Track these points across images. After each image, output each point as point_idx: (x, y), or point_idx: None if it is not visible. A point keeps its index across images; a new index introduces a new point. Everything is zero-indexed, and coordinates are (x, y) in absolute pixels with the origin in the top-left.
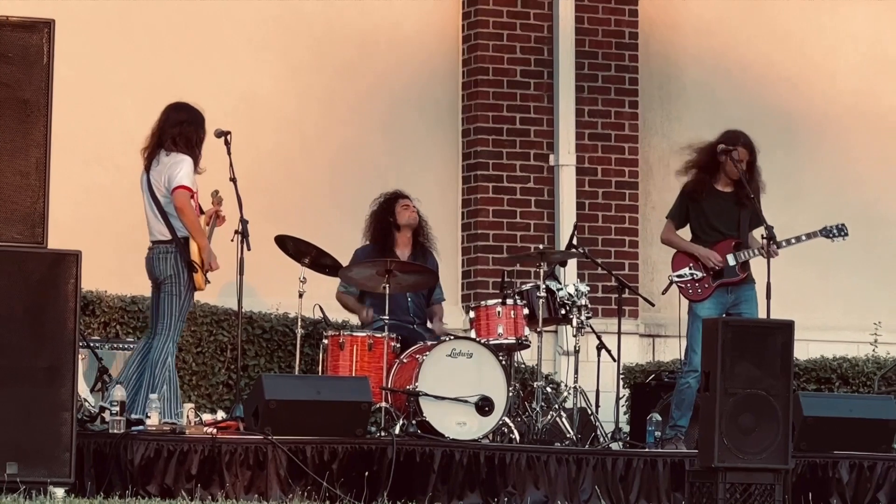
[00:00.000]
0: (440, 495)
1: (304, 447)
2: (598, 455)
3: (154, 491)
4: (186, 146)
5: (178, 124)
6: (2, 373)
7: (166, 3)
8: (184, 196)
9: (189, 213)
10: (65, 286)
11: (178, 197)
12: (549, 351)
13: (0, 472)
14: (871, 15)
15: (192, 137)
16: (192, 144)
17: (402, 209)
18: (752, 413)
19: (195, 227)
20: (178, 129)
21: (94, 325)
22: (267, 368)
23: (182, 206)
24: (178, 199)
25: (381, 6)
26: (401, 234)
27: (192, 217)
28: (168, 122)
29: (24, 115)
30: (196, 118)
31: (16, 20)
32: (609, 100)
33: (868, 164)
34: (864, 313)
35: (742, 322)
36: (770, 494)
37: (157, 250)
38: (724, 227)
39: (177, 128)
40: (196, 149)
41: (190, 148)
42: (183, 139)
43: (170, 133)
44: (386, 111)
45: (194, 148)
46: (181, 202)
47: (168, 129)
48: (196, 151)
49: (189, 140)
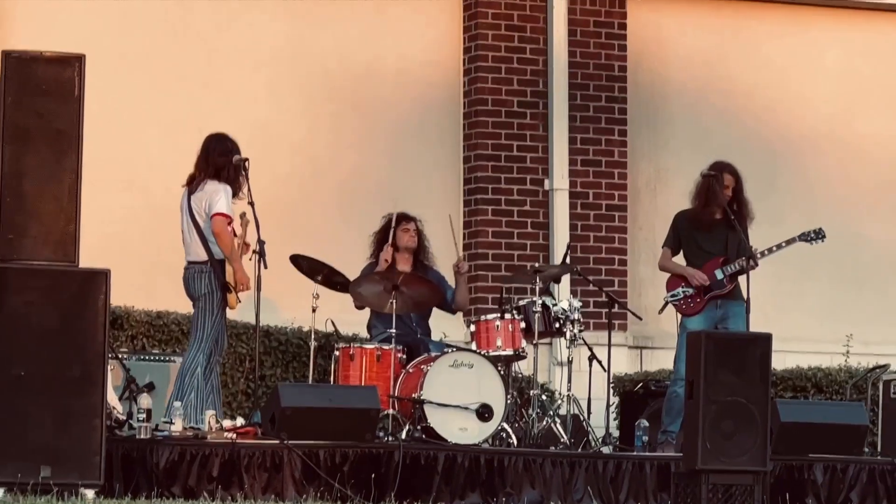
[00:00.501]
0: (443, 495)
1: (317, 451)
2: (590, 458)
3: (178, 492)
4: (227, 176)
5: (222, 154)
6: (36, 382)
7: (189, 41)
8: (222, 223)
9: (225, 238)
10: (95, 302)
11: (216, 223)
12: (545, 361)
13: (35, 475)
14: (842, 48)
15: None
16: (230, 174)
17: (402, 232)
18: (733, 419)
19: (233, 253)
20: (223, 159)
21: (122, 339)
22: (283, 378)
23: (220, 231)
24: (216, 225)
25: (388, 41)
26: (401, 254)
27: (228, 242)
28: (213, 152)
29: (58, 144)
30: (234, 149)
31: (50, 55)
32: (600, 128)
33: (842, 186)
34: (836, 327)
35: (723, 335)
36: (750, 495)
37: (193, 270)
38: (713, 250)
39: (222, 158)
40: (235, 177)
41: (229, 177)
42: (225, 169)
43: (214, 162)
44: (392, 139)
45: (232, 176)
46: (219, 228)
47: (213, 158)
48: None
49: (230, 170)
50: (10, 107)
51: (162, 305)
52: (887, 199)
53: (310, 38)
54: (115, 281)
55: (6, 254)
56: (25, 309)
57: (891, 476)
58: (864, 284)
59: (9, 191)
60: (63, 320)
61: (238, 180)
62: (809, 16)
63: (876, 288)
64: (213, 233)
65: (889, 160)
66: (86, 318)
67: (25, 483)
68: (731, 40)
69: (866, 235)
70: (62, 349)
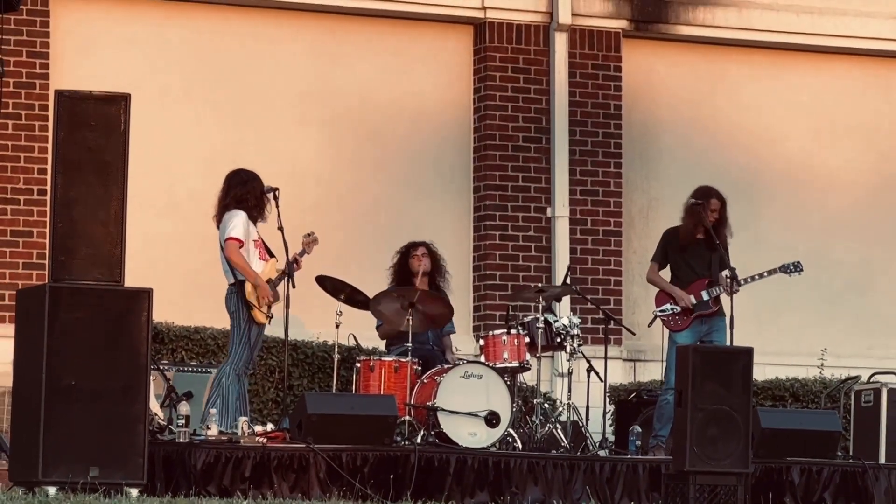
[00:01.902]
0: (454, 494)
1: (340, 454)
2: (588, 461)
3: (213, 491)
4: (242, 203)
5: (235, 186)
6: (86, 391)
7: (225, 80)
8: (232, 246)
9: (236, 259)
10: (138, 318)
11: (227, 247)
12: (547, 373)
13: (84, 475)
14: (815, 89)
15: (247, 195)
16: (247, 200)
17: (414, 260)
18: (718, 425)
19: (245, 271)
20: (236, 190)
21: (163, 351)
22: (309, 387)
23: (230, 254)
24: (227, 249)
25: (405, 82)
26: (417, 278)
27: (238, 262)
28: (228, 187)
29: (105, 174)
30: (249, 178)
31: (98, 94)
32: (597, 161)
33: (816, 213)
34: (812, 342)
35: (710, 348)
36: (733, 494)
37: (227, 291)
38: (698, 268)
39: (235, 189)
40: (250, 203)
41: (246, 205)
42: (239, 198)
43: (229, 195)
44: (409, 170)
45: (248, 203)
46: (229, 251)
47: (228, 191)
48: (250, 206)
49: (245, 199)
50: (63, 141)
51: (199, 321)
52: (857, 225)
53: (335, 78)
54: (157, 299)
55: (58, 274)
56: (75, 325)
57: (861, 477)
58: (837, 303)
59: (60, 217)
60: (109, 335)
61: (259, 207)
62: (786, 60)
63: (848, 306)
64: (226, 256)
65: (858, 188)
66: (130, 332)
67: (75, 482)
68: (716, 82)
69: (838, 258)
70: (109, 361)
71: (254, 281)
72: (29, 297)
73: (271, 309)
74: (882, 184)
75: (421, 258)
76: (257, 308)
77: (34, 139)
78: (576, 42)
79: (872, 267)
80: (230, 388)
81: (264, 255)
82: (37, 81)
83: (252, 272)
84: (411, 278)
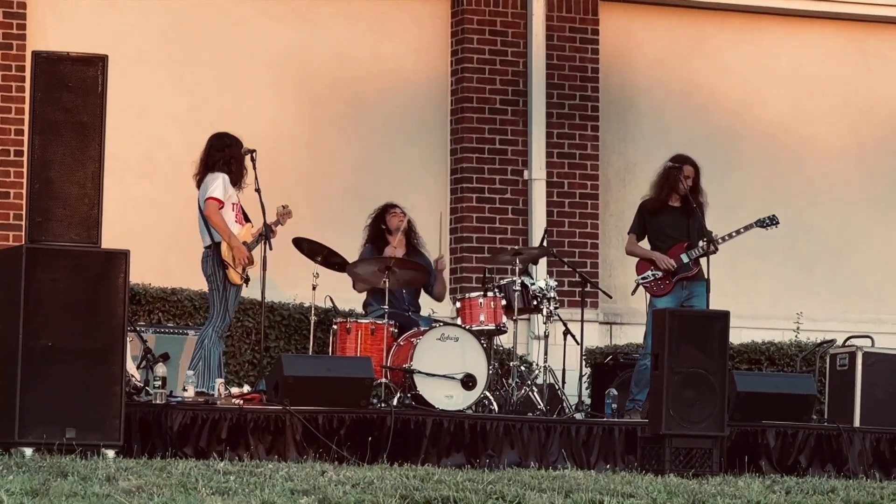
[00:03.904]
0: (431, 457)
1: (316, 416)
2: (564, 424)
3: (190, 452)
4: (224, 166)
5: (218, 149)
6: (62, 352)
7: (203, 43)
8: (212, 206)
9: (215, 219)
10: (115, 280)
11: (207, 206)
12: (523, 336)
13: (60, 437)
14: (793, 53)
15: (230, 159)
16: (230, 164)
17: (392, 217)
18: (694, 388)
19: (222, 230)
20: (218, 154)
21: (140, 313)
22: (285, 349)
23: (209, 213)
24: (206, 209)
25: (382, 45)
26: (393, 236)
27: (217, 221)
28: (210, 149)
29: (82, 135)
30: (232, 142)
31: (75, 56)
32: (574, 124)
33: (793, 178)
34: (788, 305)
35: (686, 312)
36: (709, 457)
37: (204, 254)
38: (676, 235)
39: (217, 153)
40: (232, 167)
41: (228, 168)
42: (220, 161)
43: (211, 158)
44: (385, 133)
45: (231, 167)
46: (209, 210)
47: (210, 154)
48: (232, 169)
49: (227, 162)
50: (40, 102)
51: (176, 283)
52: (833, 189)
53: (312, 41)
54: (134, 260)
55: (35, 235)
56: (52, 286)
57: (836, 440)
58: (813, 267)
59: (37, 178)
60: (86, 296)
61: (240, 171)
62: (764, 24)
63: (824, 270)
64: (205, 215)
65: (834, 153)
66: (107, 294)
67: (52, 443)
68: (694, 45)
69: (814, 223)
70: (85, 322)
71: (230, 241)
72: (5, 259)
73: (246, 271)
74: (860, 148)
75: (401, 216)
76: (232, 268)
77: (11, 100)
78: (553, 5)
79: (850, 231)
80: (212, 350)
81: (241, 218)
82: (14, 42)
83: (229, 231)
84: (386, 236)
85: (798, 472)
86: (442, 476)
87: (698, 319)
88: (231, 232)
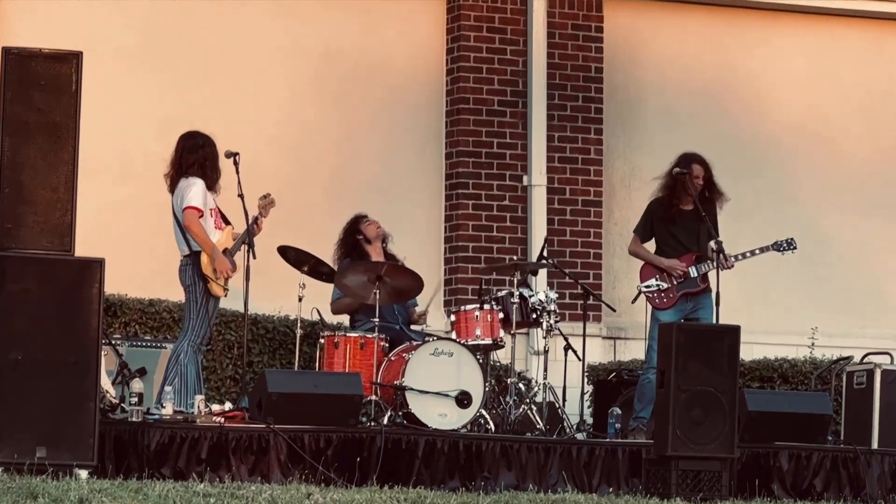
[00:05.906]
0: (423, 479)
1: (302, 435)
2: (565, 444)
3: (168, 473)
4: (199, 170)
5: (191, 150)
6: (33, 367)
7: (183, 39)
8: (191, 215)
9: (196, 230)
10: (90, 290)
11: (186, 216)
12: (522, 351)
13: (31, 456)
14: (809, 53)
15: (204, 162)
16: (205, 167)
17: (367, 225)
18: (702, 407)
19: (203, 242)
20: (192, 155)
21: (116, 325)
22: (269, 364)
23: (189, 224)
24: (186, 219)
25: (374, 43)
26: (372, 247)
27: (198, 232)
28: (183, 150)
29: (55, 136)
30: (206, 142)
31: (48, 52)
32: (576, 127)
33: (809, 185)
34: (802, 320)
35: (694, 326)
36: (718, 480)
37: (182, 263)
38: (685, 241)
39: (191, 154)
40: (207, 170)
41: (203, 171)
42: (195, 164)
43: (185, 160)
44: (377, 135)
45: (206, 170)
46: (188, 221)
47: (183, 155)
48: (208, 172)
49: (202, 164)
50: (10, 101)
51: (154, 294)
52: (852, 198)
53: (299, 38)
54: (110, 270)
55: (4, 242)
56: (23, 296)
57: (853, 463)
58: (828, 280)
59: (8, 181)
60: (59, 307)
61: (215, 173)
62: (779, 21)
63: (840, 283)
64: (184, 226)
65: (854, 159)
66: (81, 305)
67: (22, 463)
68: (703, 44)
69: (831, 232)
70: (58, 335)
71: (211, 253)
72: None
73: (228, 281)
74: (877, 154)
75: (377, 224)
76: (214, 281)
77: None
78: (555, 1)
79: (867, 241)
80: (188, 366)
81: (220, 223)
82: None
83: (210, 243)
84: (364, 247)
85: (813, 497)
86: (435, 499)
87: (707, 334)
88: (213, 244)
